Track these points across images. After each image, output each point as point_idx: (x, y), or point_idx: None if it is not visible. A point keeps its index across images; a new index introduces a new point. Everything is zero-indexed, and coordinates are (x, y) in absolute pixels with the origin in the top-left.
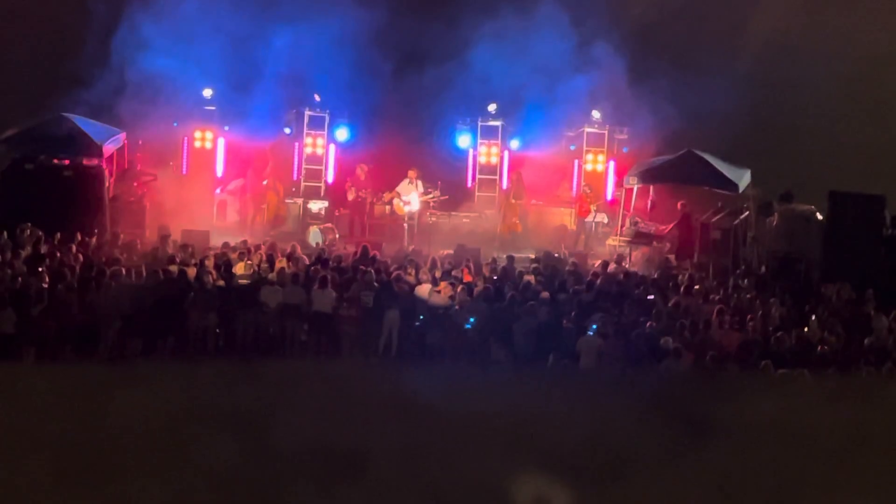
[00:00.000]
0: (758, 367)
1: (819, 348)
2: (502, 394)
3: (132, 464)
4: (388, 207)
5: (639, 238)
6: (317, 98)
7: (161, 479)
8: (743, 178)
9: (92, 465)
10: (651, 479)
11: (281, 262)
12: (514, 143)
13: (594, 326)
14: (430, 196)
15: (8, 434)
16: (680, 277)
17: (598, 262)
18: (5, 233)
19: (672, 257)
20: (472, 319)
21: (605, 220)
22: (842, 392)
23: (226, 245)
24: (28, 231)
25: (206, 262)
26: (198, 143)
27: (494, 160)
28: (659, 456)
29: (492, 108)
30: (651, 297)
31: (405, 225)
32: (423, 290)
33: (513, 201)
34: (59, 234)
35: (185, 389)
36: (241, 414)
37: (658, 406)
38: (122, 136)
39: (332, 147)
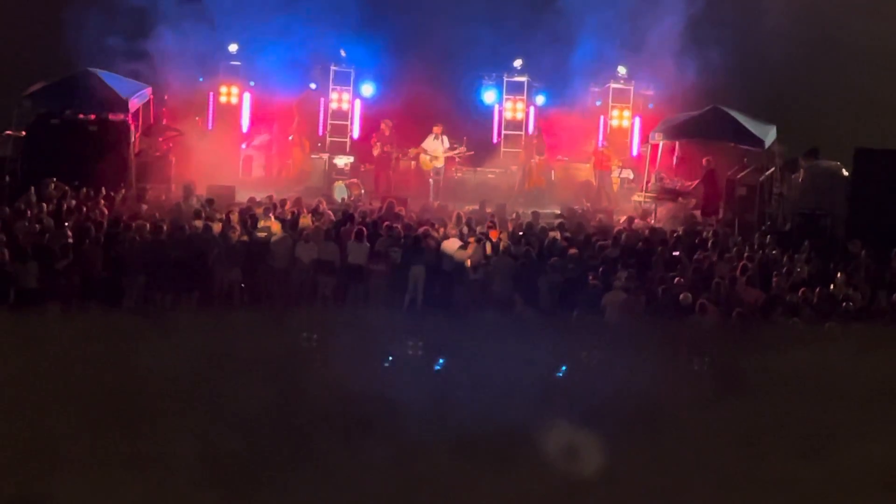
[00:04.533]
0: (783, 323)
1: (844, 304)
2: (530, 345)
3: (160, 409)
4: (413, 163)
5: (664, 194)
6: (343, 53)
7: (188, 425)
8: (769, 135)
9: (121, 411)
10: (680, 429)
11: (306, 218)
12: (540, 99)
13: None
14: (456, 151)
15: (40, 380)
16: (705, 233)
17: (623, 218)
18: (32, 188)
19: (697, 213)
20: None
21: (631, 176)
22: (868, 345)
23: (251, 200)
24: (52, 185)
25: (232, 218)
26: (223, 99)
27: (520, 116)
28: (688, 406)
29: (517, 63)
30: (676, 253)
31: (430, 180)
32: (450, 245)
33: (537, 157)
34: (84, 190)
35: (214, 338)
36: (270, 360)
37: (686, 359)
38: (148, 91)
39: (357, 102)
